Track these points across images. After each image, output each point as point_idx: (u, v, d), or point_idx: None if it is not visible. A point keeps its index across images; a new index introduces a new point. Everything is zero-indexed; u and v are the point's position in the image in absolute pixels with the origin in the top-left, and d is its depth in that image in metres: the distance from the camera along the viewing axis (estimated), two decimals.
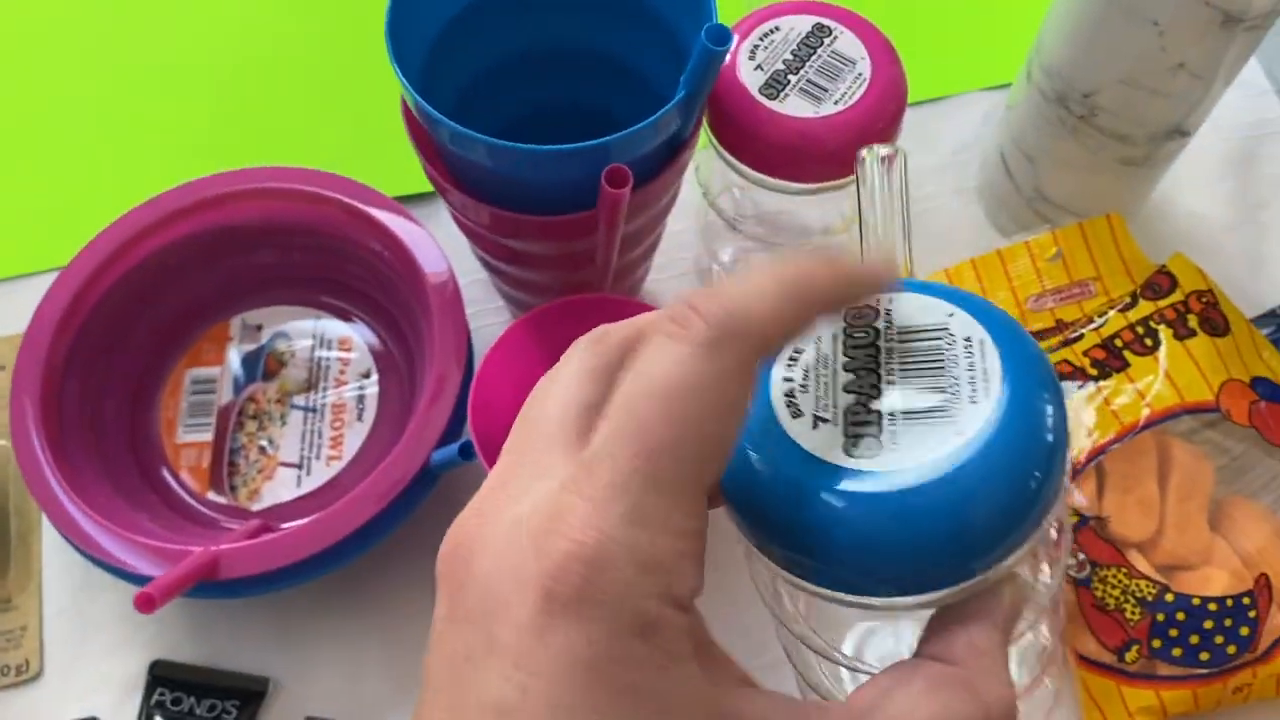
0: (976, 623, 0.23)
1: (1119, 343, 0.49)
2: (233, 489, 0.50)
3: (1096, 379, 0.48)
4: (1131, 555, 0.46)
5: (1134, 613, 0.44)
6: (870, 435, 0.23)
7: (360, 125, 0.60)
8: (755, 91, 0.43)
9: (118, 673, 0.48)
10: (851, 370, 0.25)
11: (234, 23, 0.65)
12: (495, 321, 0.56)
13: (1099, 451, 0.47)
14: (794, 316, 0.23)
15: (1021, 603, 0.24)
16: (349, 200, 0.49)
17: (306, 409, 0.52)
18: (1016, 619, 0.24)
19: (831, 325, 0.26)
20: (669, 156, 0.42)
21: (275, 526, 0.48)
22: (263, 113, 0.62)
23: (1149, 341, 0.49)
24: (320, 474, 0.50)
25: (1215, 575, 0.45)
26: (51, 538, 0.50)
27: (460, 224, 0.45)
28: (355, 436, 0.51)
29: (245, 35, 0.65)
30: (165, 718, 0.47)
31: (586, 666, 0.20)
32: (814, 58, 0.43)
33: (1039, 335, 0.52)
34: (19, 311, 0.50)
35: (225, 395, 0.52)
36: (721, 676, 0.24)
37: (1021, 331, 0.25)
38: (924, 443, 0.23)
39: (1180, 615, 0.44)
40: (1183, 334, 0.48)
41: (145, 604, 0.39)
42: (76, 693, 0.48)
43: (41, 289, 0.48)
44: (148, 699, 0.47)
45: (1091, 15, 0.46)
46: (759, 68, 0.43)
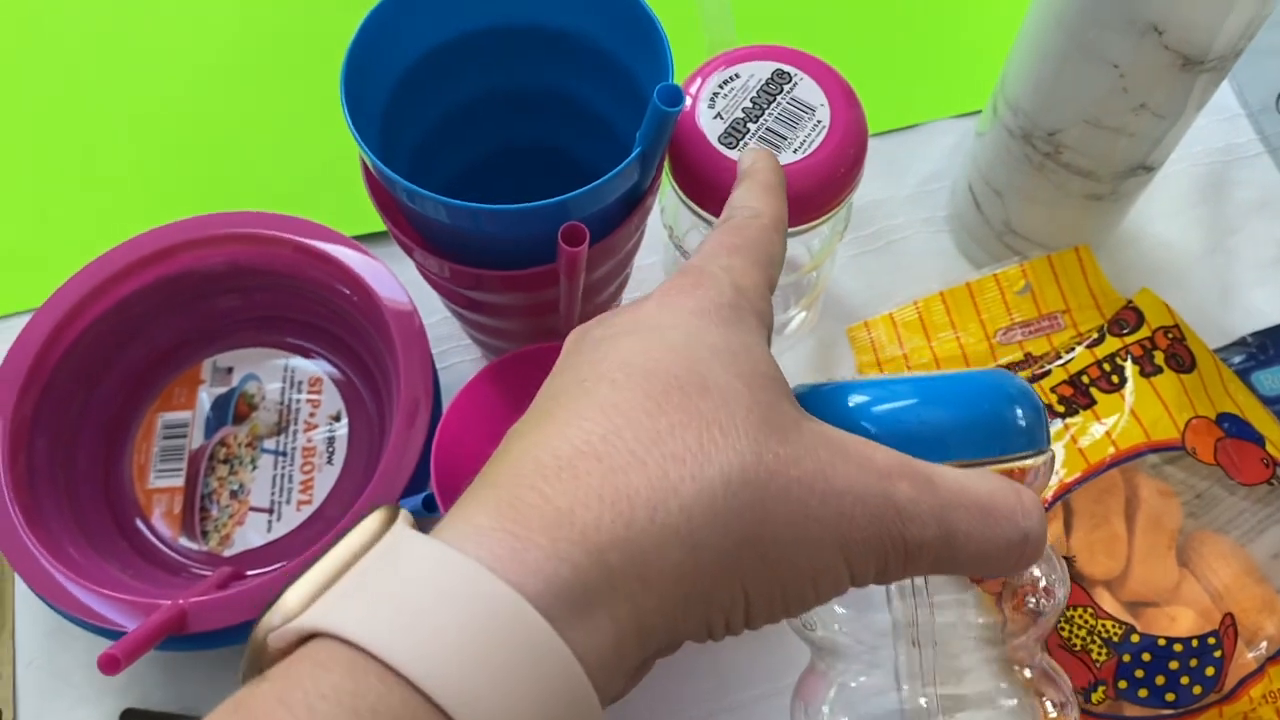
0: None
1: (1086, 379, 0.49)
2: (204, 534, 0.50)
3: (1064, 415, 0.48)
4: (1098, 594, 0.46)
5: (1100, 653, 0.45)
6: None
7: (325, 167, 0.60)
8: (715, 140, 0.43)
9: None
10: None
11: (195, 68, 0.65)
12: (466, 359, 0.56)
13: (1066, 490, 0.47)
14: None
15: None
16: (304, 240, 0.49)
17: (277, 453, 0.52)
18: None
19: None
20: (630, 207, 0.42)
21: (244, 574, 0.48)
22: (226, 159, 0.62)
23: (1115, 379, 0.49)
24: (291, 519, 0.50)
25: (1182, 614, 0.45)
26: (24, 586, 0.50)
27: (424, 275, 0.45)
28: (326, 480, 0.51)
29: (209, 79, 0.65)
30: None
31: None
32: (773, 105, 0.43)
33: (1008, 369, 0.53)
34: None
35: (197, 439, 0.52)
36: None
37: None
38: None
39: (1146, 656, 0.44)
40: (1149, 371, 0.49)
41: (110, 665, 0.39)
42: None
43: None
44: None
45: (1053, 56, 0.46)
46: (718, 116, 0.43)
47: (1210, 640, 0.44)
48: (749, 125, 0.43)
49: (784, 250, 0.33)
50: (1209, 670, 0.44)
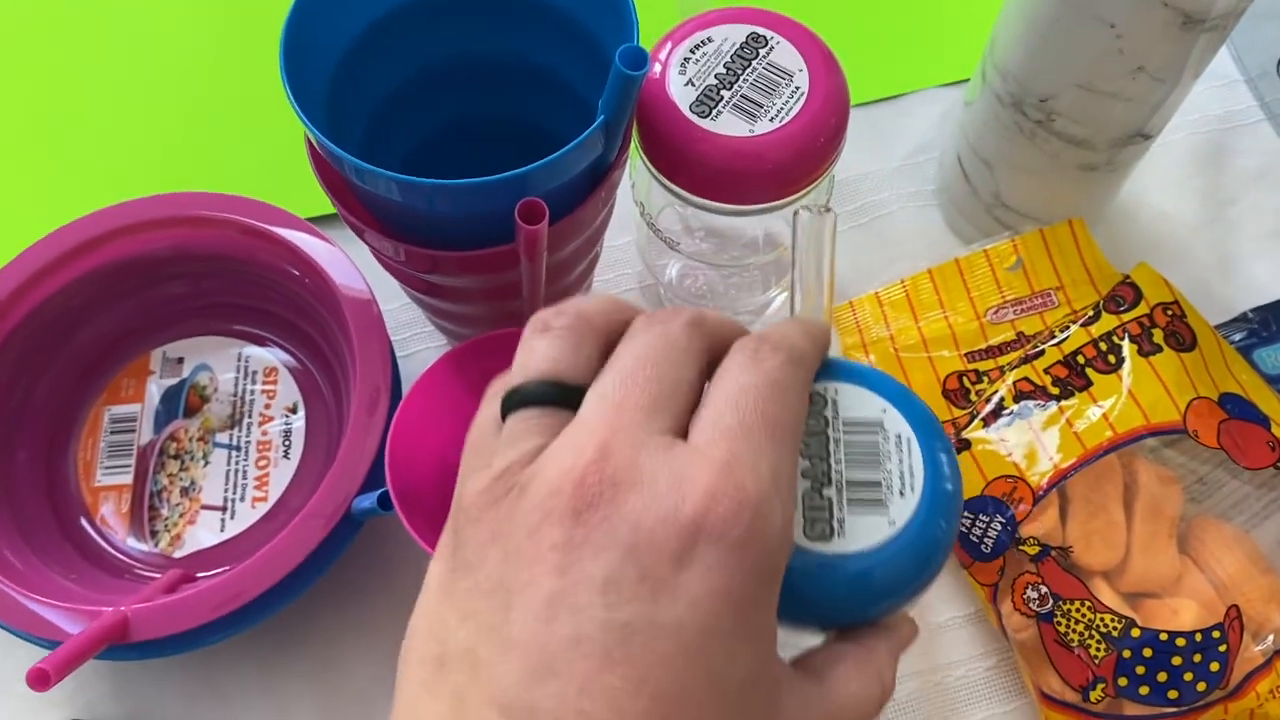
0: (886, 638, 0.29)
1: (1081, 359, 0.47)
2: (154, 535, 0.48)
3: (1058, 398, 0.46)
4: (1096, 585, 0.44)
5: (1099, 649, 0.42)
6: (823, 521, 0.28)
7: (276, 146, 0.57)
8: (686, 109, 0.40)
9: None
10: (807, 458, 0.28)
11: (138, 45, 0.62)
12: (430, 346, 0.53)
13: (1061, 476, 0.44)
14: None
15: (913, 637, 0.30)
16: (251, 221, 0.47)
17: (230, 447, 0.49)
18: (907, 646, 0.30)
19: None
20: (595, 181, 0.40)
21: (194, 576, 0.45)
22: (171, 139, 0.59)
23: (1112, 358, 0.46)
24: (245, 517, 0.48)
25: (1184, 607, 0.43)
26: None
27: (378, 258, 0.42)
28: (282, 475, 0.48)
29: (154, 56, 0.61)
30: None
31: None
32: (748, 71, 0.40)
33: (999, 349, 0.50)
34: None
35: (146, 434, 0.50)
36: None
37: (936, 426, 0.29)
38: (865, 531, 0.28)
39: (1147, 651, 0.42)
40: (1148, 350, 0.46)
41: (39, 681, 0.36)
42: None
43: None
44: None
45: (1044, 16, 0.43)
46: (690, 83, 0.40)
47: (1215, 634, 0.42)
48: (722, 92, 0.40)
49: None
50: (1214, 665, 0.42)
